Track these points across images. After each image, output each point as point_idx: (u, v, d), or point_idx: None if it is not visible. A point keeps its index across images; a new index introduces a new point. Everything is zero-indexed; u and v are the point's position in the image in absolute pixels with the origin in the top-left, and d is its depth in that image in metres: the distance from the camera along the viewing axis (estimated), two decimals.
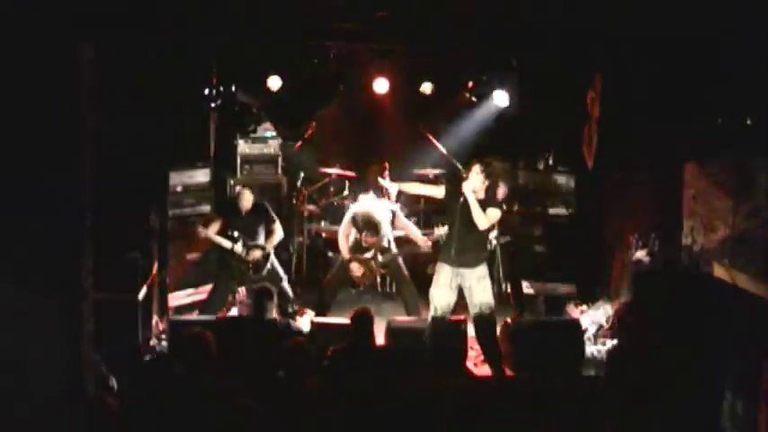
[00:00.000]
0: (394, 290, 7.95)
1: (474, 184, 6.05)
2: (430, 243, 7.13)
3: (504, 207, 6.54)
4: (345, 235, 7.22)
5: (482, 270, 6.22)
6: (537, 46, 6.93)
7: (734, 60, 5.46)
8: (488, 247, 6.70)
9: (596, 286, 7.96)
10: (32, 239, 3.83)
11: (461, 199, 6.07)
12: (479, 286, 6.18)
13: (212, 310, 7.13)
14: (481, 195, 6.10)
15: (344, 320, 5.68)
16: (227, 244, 7.12)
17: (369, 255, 7.09)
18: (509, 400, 5.09)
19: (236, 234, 7.14)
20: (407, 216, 7.87)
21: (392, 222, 7.32)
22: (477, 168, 6.09)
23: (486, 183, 6.09)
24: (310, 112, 8.89)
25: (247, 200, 7.27)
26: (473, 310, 6.24)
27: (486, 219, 6.06)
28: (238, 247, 7.15)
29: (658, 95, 6.35)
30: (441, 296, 6.21)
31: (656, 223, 7.04)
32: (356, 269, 7.14)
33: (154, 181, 7.30)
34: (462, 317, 6.48)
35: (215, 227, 7.21)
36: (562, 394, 5.57)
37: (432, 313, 6.27)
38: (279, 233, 7.40)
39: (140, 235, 6.75)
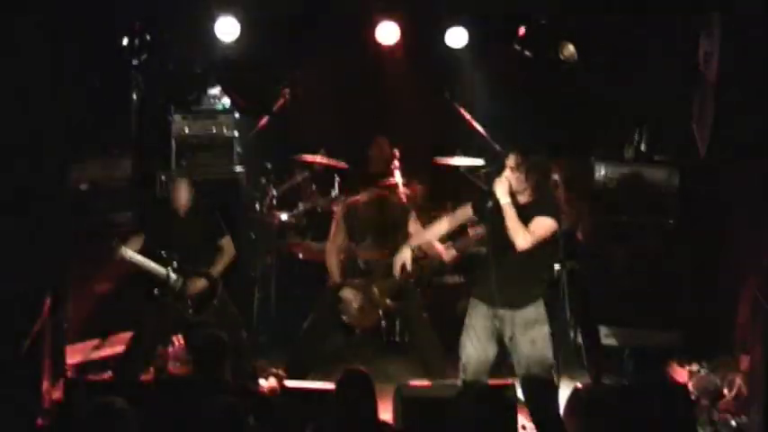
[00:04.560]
0: (407, 339, 7.96)
1: (510, 182, 6.07)
2: (455, 253, 7.08)
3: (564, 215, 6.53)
4: (336, 247, 7.27)
5: (533, 312, 6.23)
6: None
7: None
8: (546, 277, 6.66)
9: (712, 335, 7.92)
10: None
11: (491, 204, 6.09)
12: (526, 336, 6.20)
13: (133, 368, 7.17)
14: (526, 198, 6.14)
15: (331, 385, 5.62)
16: (159, 270, 7.12)
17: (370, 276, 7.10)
18: None
19: (165, 254, 7.13)
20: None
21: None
22: (512, 160, 6.09)
23: (532, 180, 6.09)
24: (281, 74, 8.89)
25: (184, 196, 7.25)
26: (519, 371, 6.29)
27: (526, 234, 6.02)
28: (171, 274, 7.15)
29: None
30: (472, 348, 6.27)
31: None
32: (351, 298, 7.18)
33: (45, 175, 7.20)
34: (509, 380, 6.50)
35: (136, 244, 7.20)
36: None
37: (462, 375, 6.32)
38: (229, 252, 7.42)
39: (25, 257, 6.67)
